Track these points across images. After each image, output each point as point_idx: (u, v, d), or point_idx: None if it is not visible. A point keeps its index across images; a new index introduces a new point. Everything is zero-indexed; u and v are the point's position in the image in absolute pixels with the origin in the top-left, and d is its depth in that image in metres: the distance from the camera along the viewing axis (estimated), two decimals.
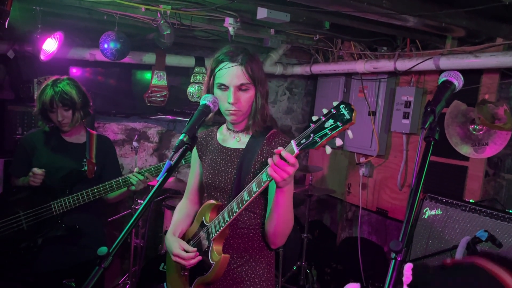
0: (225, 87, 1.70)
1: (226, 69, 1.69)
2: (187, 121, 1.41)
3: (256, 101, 1.73)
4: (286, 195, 1.59)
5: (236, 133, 1.84)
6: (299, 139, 1.41)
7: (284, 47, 4.12)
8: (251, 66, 1.70)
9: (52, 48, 3.22)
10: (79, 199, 2.45)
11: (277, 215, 1.64)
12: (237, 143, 1.83)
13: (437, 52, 3.29)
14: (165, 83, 3.97)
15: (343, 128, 1.32)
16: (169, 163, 1.22)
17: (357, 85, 4.16)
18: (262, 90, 1.74)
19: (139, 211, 1.11)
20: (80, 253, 2.56)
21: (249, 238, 1.79)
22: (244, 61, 1.70)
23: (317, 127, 1.37)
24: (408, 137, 3.72)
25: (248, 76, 1.69)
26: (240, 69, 1.69)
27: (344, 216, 4.52)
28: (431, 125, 1.10)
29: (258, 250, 1.80)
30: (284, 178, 1.46)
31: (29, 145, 2.58)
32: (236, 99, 1.69)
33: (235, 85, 1.68)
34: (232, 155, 1.81)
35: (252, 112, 1.75)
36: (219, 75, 1.71)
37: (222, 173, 1.80)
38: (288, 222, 1.68)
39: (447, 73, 1.23)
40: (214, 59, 1.75)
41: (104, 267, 1.01)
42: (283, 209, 1.62)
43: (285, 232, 1.71)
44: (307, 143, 1.38)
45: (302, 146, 1.40)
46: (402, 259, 0.95)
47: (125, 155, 4.22)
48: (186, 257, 1.72)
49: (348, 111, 1.30)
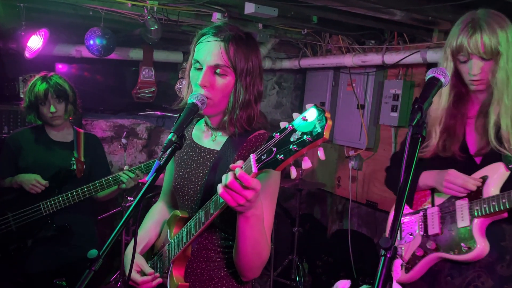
0: (200, 66, 1.39)
1: (204, 43, 1.39)
2: (176, 119, 1.36)
3: (236, 93, 1.39)
4: (252, 222, 1.25)
5: (213, 130, 1.51)
6: (259, 154, 1.12)
7: (272, 41, 4.11)
8: (235, 47, 1.37)
9: (37, 45, 3.18)
10: (69, 199, 2.43)
11: (243, 246, 1.31)
12: (212, 143, 1.51)
13: (424, 45, 3.31)
14: (153, 79, 3.94)
15: (312, 144, 1.02)
16: (158, 163, 1.21)
17: (346, 79, 4.17)
18: (247, 82, 1.39)
19: (128, 213, 1.11)
20: (70, 253, 2.55)
21: (215, 264, 1.46)
22: (228, 38, 1.37)
23: (281, 139, 1.07)
24: (397, 130, 3.74)
25: (228, 58, 1.35)
26: (219, 46, 1.36)
27: (334, 209, 4.55)
28: (419, 122, 1.10)
29: (226, 281, 1.46)
30: (240, 203, 1.17)
31: (15, 145, 2.55)
32: (207, 81, 1.36)
33: (209, 64, 1.36)
34: (205, 157, 1.49)
35: (229, 106, 1.41)
36: (197, 49, 1.41)
37: (192, 177, 1.50)
38: (259, 253, 1.34)
39: (433, 70, 1.24)
40: (198, 33, 1.45)
41: (95, 270, 1.01)
42: (249, 239, 1.29)
43: (256, 264, 1.37)
44: (267, 160, 1.09)
45: (262, 165, 1.11)
46: (391, 256, 0.96)
47: (114, 152, 4.19)
48: (140, 282, 1.44)
49: (320, 121, 1.00)
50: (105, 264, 1.05)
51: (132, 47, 3.83)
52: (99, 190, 2.46)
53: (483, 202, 1.65)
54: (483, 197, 1.67)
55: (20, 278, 2.53)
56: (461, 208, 1.72)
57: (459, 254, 1.70)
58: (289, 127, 1.06)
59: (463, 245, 1.68)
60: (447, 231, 1.75)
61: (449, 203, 1.77)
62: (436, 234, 1.78)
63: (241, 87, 1.39)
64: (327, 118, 1.00)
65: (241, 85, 1.39)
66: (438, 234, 1.77)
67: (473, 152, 1.75)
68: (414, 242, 1.85)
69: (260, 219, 1.29)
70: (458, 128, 1.77)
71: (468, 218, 1.69)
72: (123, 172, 2.48)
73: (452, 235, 1.73)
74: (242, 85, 1.39)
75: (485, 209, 1.64)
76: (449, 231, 1.75)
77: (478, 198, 1.68)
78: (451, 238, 1.74)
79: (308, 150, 1.04)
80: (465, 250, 1.67)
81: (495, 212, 1.62)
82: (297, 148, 1.04)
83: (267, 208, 1.38)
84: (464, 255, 1.68)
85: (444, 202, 1.79)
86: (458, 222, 1.72)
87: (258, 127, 1.48)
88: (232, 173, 1.15)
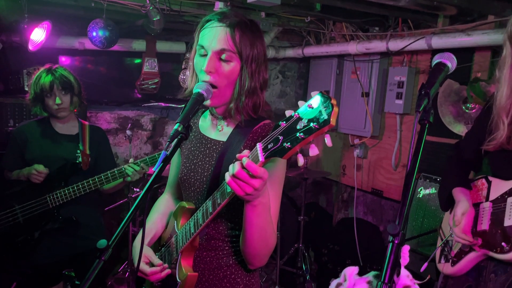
0: (204, 52, 1.38)
1: (209, 29, 1.38)
2: (181, 109, 1.35)
3: (242, 80, 1.39)
4: (258, 210, 1.26)
5: (219, 120, 1.51)
6: (266, 142, 1.11)
7: (275, 30, 4.08)
8: (241, 33, 1.36)
9: (40, 38, 3.17)
10: (75, 191, 2.44)
11: (249, 234, 1.31)
12: (219, 134, 1.51)
13: (429, 31, 3.28)
14: (157, 70, 3.93)
15: (319, 131, 1.01)
16: (165, 153, 1.21)
17: (350, 67, 4.15)
18: (252, 69, 1.39)
19: (136, 203, 1.11)
20: (78, 244, 2.57)
21: (224, 252, 1.48)
22: (233, 24, 1.37)
23: (287, 127, 1.06)
24: (402, 117, 3.73)
25: (233, 43, 1.35)
26: (225, 31, 1.36)
27: (340, 197, 4.56)
28: (426, 108, 1.09)
29: (234, 269, 1.48)
30: (248, 192, 1.16)
31: (21, 138, 2.56)
32: (212, 67, 1.35)
33: (214, 50, 1.36)
34: (211, 148, 1.50)
35: (235, 93, 1.40)
36: (202, 35, 1.40)
37: (199, 169, 1.50)
38: (265, 241, 1.34)
39: (440, 55, 1.23)
40: (202, 19, 1.44)
41: (104, 259, 1.02)
42: (256, 227, 1.29)
43: (263, 252, 1.37)
44: (274, 149, 1.08)
45: (268, 153, 1.10)
46: (399, 242, 0.95)
47: (119, 144, 4.20)
48: (149, 273, 1.45)
49: (326, 108, 0.99)
50: (113, 255, 1.06)
51: (135, 38, 3.82)
52: (105, 183, 2.47)
53: None
54: None
55: (29, 270, 2.56)
56: (511, 206, 1.68)
57: (501, 253, 1.67)
58: (295, 115, 1.05)
59: (504, 245, 1.66)
60: (494, 228, 1.72)
61: (502, 199, 1.73)
62: (484, 230, 1.75)
63: (246, 74, 1.38)
64: (333, 105, 0.99)
65: (246, 72, 1.38)
66: (486, 231, 1.74)
67: None
68: None
69: (267, 207, 1.29)
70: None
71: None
72: (128, 165, 2.48)
73: (498, 233, 1.70)
74: (248, 72, 1.38)
75: None
76: (496, 228, 1.71)
77: None
78: (496, 235, 1.70)
79: (315, 137, 1.03)
80: (506, 249, 1.65)
81: None
82: (304, 136, 1.03)
83: (274, 197, 1.38)
84: (505, 254, 1.65)
85: (498, 198, 1.75)
86: (506, 220, 1.68)
87: (264, 115, 1.47)
88: (239, 163, 1.14)
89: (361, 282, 1.18)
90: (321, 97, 1.01)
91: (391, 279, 0.92)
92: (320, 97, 1.01)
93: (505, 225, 1.67)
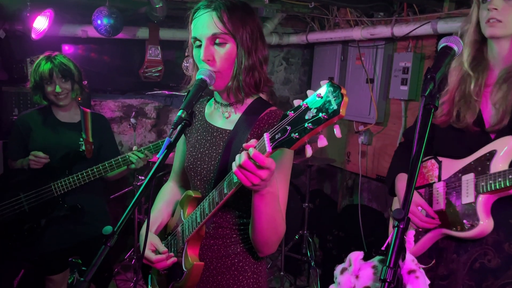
0: (199, 43, 1.38)
1: (197, 18, 1.38)
2: (184, 96, 1.35)
3: (238, 58, 1.37)
4: (267, 199, 1.25)
5: (224, 107, 1.49)
6: (273, 132, 1.09)
7: (279, 16, 4.04)
8: (229, 13, 1.34)
9: (43, 26, 3.16)
10: (79, 179, 2.45)
11: (259, 223, 1.31)
12: (225, 122, 1.49)
13: (435, 15, 3.23)
14: (160, 58, 3.92)
15: (328, 122, 0.98)
16: (169, 140, 1.21)
17: (354, 53, 4.11)
18: (249, 47, 1.37)
19: (141, 190, 1.11)
20: (84, 231, 2.59)
21: (231, 240, 1.47)
22: (218, 6, 1.35)
23: (295, 117, 1.04)
24: (407, 104, 3.70)
25: (223, 25, 1.33)
26: (211, 16, 1.34)
27: (344, 184, 4.56)
28: (431, 92, 1.08)
29: (242, 256, 1.48)
30: (255, 183, 1.15)
31: (23, 126, 2.56)
32: (209, 54, 1.34)
33: (206, 37, 1.35)
34: (218, 137, 1.48)
35: (234, 72, 1.38)
36: (193, 27, 1.40)
37: (206, 157, 1.49)
38: (274, 229, 1.34)
39: (446, 39, 1.21)
40: (191, 11, 1.43)
41: (110, 245, 1.02)
42: (265, 216, 1.29)
43: (272, 240, 1.37)
44: (282, 139, 1.07)
45: (276, 144, 1.08)
46: (404, 227, 0.96)
47: (124, 132, 4.21)
48: (155, 260, 1.45)
49: (336, 98, 0.96)
50: (119, 243, 1.07)
51: (138, 26, 3.80)
52: (109, 171, 2.48)
53: (489, 178, 1.57)
54: (490, 173, 1.58)
55: (36, 257, 2.59)
56: (467, 183, 1.66)
57: (462, 231, 1.65)
58: (303, 104, 1.03)
59: (465, 222, 1.63)
60: (451, 207, 1.70)
61: (456, 178, 1.71)
62: (440, 210, 1.73)
63: (242, 52, 1.36)
64: (343, 95, 0.96)
65: (242, 50, 1.36)
66: (443, 210, 1.72)
67: (488, 126, 1.64)
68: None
69: (275, 196, 1.28)
70: (475, 97, 1.64)
71: (473, 194, 1.62)
72: (132, 152, 2.49)
73: (456, 211, 1.68)
74: (244, 50, 1.36)
75: (490, 185, 1.57)
76: (453, 207, 1.69)
77: (485, 174, 1.60)
78: (454, 214, 1.68)
79: (323, 128, 1.01)
80: (468, 227, 1.62)
81: (501, 188, 1.54)
82: (312, 126, 1.00)
83: (282, 185, 1.37)
84: (466, 232, 1.63)
85: (451, 177, 1.73)
86: (463, 198, 1.66)
87: (266, 90, 1.47)
88: (246, 153, 1.13)
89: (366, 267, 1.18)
90: (331, 86, 0.98)
91: (396, 264, 0.93)
92: (329, 86, 0.98)
93: (464, 203, 1.65)
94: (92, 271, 1.00)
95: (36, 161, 2.40)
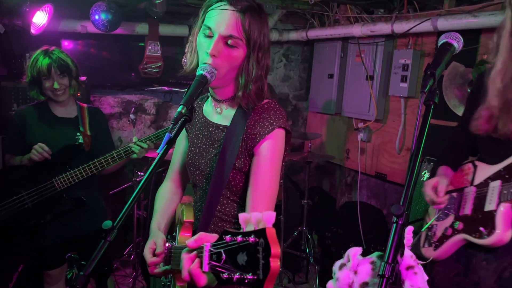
0: (210, 34, 1.35)
1: (219, 10, 1.34)
2: (184, 92, 1.35)
3: (249, 68, 1.37)
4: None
5: (218, 103, 1.50)
6: (212, 249, 0.94)
7: (279, 12, 4.03)
8: (251, 19, 1.34)
9: (42, 21, 3.15)
10: (81, 173, 2.44)
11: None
12: (220, 118, 1.50)
13: (435, 12, 3.23)
14: (159, 54, 3.91)
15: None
16: (169, 135, 1.21)
17: (354, 50, 4.11)
18: (259, 57, 1.38)
19: (140, 185, 1.11)
20: (81, 227, 2.59)
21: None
22: (245, 9, 1.33)
23: (231, 248, 0.89)
24: (406, 101, 3.70)
25: (243, 30, 1.33)
26: (236, 17, 1.32)
27: (343, 181, 4.56)
28: (431, 89, 1.08)
29: None
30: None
31: (21, 121, 2.55)
32: (217, 51, 1.32)
33: (222, 34, 1.33)
34: (214, 132, 1.50)
35: (242, 81, 1.39)
36: (209, 15, 1.36)
37: (203, 152, 1.51)
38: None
39: (446, 35, 1.21)
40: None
41: (110, 240, 1.02)
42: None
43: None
44: (215, 265, 0.91)
45: (211, 266, 0.93)
46: (403, 223, 0.96)
47: (123, 128, 4.20)
48: (149, 263, 1.41)
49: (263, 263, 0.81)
50: (118, 238, 1.06)
51: (137, 22, 3.78)
52: (111, 163, 2.45)
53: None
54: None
55: (35, 252, 2.58)
56: (492, 191, 1.65)
57: (479, 238, 1.65)
58: (238, 238, 0.86)
59: (482, 230, 1.63)
60: (475, 213, 1.69)
61: (485, 184, 1.70)
62: (466, 215, 1.73)
63: (253, 62, 1.37)
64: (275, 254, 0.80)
65: (254, 60, 1.37)
66: (468, 216, 1.72)
67: None
68: (447, 221, 1.83)
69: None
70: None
71: (496, 202, 1.62)
72: (135, 142, 2.47)
73: (478, 218, 1.67)
74: (255, 60, 1.37)
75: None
76: (477, 213, 1.69)
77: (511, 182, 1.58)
78: (476, 220, 1.68)
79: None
80: (484, 234, 1.62)
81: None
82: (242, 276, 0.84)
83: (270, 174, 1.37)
84: (483, 240, 1.63)
85: (482, 183, 1.72)
86: (486, 205, 1.65)
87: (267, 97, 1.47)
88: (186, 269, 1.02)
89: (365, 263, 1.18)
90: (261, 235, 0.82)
91: (394, 259, 0.93)
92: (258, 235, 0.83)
93: (485, 210, 1.65)
94: (92, 265, 1.00)
95: (40, 153, 2.38)
